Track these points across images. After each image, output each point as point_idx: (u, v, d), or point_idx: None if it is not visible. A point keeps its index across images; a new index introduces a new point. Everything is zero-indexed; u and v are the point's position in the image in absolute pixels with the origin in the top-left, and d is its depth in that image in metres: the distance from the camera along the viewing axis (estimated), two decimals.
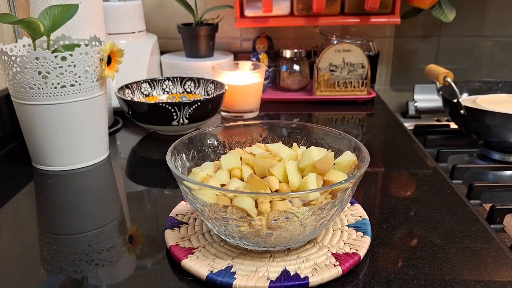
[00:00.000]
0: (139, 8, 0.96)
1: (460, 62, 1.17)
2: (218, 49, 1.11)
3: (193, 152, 0.52)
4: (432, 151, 0.84)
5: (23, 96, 0.62)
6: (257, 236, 0.41)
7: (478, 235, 0.49)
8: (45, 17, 0.62)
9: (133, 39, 0.95)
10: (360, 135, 0.83)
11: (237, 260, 0.43)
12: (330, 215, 0.42)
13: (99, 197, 0.61)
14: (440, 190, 0.60)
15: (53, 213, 0.56)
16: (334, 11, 0.97)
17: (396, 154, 0.73)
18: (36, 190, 0.63)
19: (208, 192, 0.40)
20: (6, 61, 0.61)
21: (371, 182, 0.63)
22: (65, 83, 0.62)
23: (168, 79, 0.89)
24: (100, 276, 0.43)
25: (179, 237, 0.47)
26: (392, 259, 0.45)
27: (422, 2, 1.00)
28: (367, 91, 0.98)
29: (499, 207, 0.59)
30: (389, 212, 0.54)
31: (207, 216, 0.42)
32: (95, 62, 0.65)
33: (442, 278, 0.42)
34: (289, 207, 0.39)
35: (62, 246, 0.49)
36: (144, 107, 0.75)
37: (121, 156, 0.74)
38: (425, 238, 0.49)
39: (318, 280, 0.40)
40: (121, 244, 0.49)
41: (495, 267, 0.44)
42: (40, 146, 0.65)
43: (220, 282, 0.40)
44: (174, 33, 1.13)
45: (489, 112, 0.78)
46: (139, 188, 0.63)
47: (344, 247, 0.45)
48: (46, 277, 0.43)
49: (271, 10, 0.92)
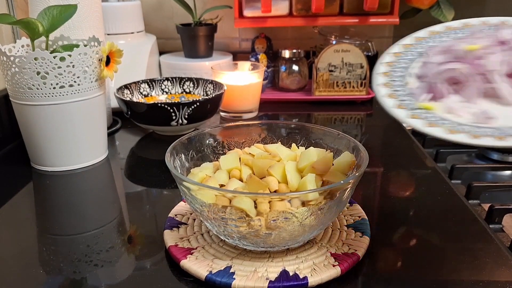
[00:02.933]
0: (138, 8, 0.96)
1: None
2: (217, 50, 1.11)
3: (192, 153, 0.52)
4: (431, 151, 0.84)
5: (21, 96, 0.62)
6: (256, 237, 0.41)
7: (477, 235, 0.49)
8: (44, 17, 0.61)
9: (132, 39, 0.95)
10: (359, 135, 0.83)
11: (236, 260, 0.43)
12: (329, 215, 0.42)
13: (98, 198, 0.61)
14: (439, 190, 0.60)
15: (52, 213, 0.56)
16: (333, 11, 0.97)
17: (395, 154, 0.73)
18: (35, 191, 0.63)
19: (207, 193, 0.40)
20: (4, 61, 0.61)
21: (370, 183, 0.63)
22: (64, 83, 0.62)
23: (167, 80, 0.89)
24: (99, 276, 0.43)
25: (178, 238, 0.47)
26: (391, 259, 0.45)
27: (421, 2, 1.00)
28: (366, 91, 0.98)
29: (498, 207, 0.59)
30: (388, 212, 0.54)
31: (206, 216, 0.42)
32: (94, 62, 0.65)
33: (441, 278, 0.42)
34: (288, 207, 0.39)
35: (61, 246, 0.49)
36: (143, 108, 0.75)
37: (120, 156, 0.74)
38: (424, 238, 0.49)
39: (317, 280, 0.40)
40: (120, 244, 0.49)
41: (493, 267, 0.44)
42: (39, 147, 0.65)
43: (219, 283, 0.40)
44: (173, 34, 1.12)
45: None
46: (138, 188, 0.63)
47: (343, 247, 0.45)
48: (45, 277, 0.43)
49: (270, 10, 0.92)
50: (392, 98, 0.39)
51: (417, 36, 0.44)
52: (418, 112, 0.38)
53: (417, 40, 0.44)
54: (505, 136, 0.34)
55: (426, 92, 0.39)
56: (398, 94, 0.40)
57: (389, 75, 0.41)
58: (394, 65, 0.42)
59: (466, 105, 0.37)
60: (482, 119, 0.36)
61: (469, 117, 0.36)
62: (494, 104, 0.37)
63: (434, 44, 0.42)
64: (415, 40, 0.44)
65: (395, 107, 0.39)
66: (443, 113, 0.37)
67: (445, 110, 0.38)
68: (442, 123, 0.36)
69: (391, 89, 0.40)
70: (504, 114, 0.36)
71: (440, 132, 0.35)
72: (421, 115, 0.37)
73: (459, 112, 0.37)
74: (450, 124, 0.36)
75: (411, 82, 0.41)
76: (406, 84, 0.41)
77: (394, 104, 0.39)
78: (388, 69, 0.42)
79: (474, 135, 0.34)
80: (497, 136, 0.34)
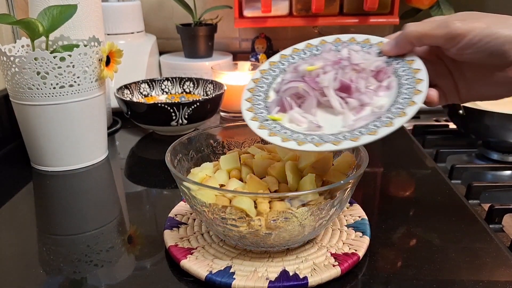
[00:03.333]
0: (138, 8, 0.96)
1: None
2: (217, 50, 1.11)
3: (192, 153, 0.52)
4: (431, 151, 0.84)
5: (22, 96, 0.62)
6: (256, 237, 0.41)
7: (477, 235, 0.49)
8: (44, 17, 0.61)
9: (132, 39, 0.95)
10: None
11: (236, 260, 0.43)
12: (329, 215, 0.42)
13: (98, 198, 0.61)
14: (439, 190, 0.60)
15: (52, 213, 0.56)
16: (333, 11, 0.97)
17: (395, 154, 0.73)
18: (35, 191, 0.63)
19: (207, 193, 0.40)
20: (4, 61, 0.61)
21: (370, 183, 0.63)
22: (64, 83, 0.62)
23: (167, 80, 0.89)
24: (99, 276, 0.43)
25: (178, 238, 0.47)
26: (391, 259, 0.45)
27: (421, 2, 1.00)
28: None
29: (498, 207, 0.59)
30: (388, 212, 0.54)
31: (206, 216, 0.42)
32: (94, 62, 0.65)
33: (441, 278, 0.42)
34: (288, 207, 0.39)
35: (61, 246, 0.49)
36: (143, 108, 0.75)
37: (120, 156, 0.74)
38: (424, 238, 0.49)
39: (317, 280, 0.40)
40: (120, 244, 0.49)
41: (494, 267, 0.44)
42: (39, 147, 0.65)
43: (219, 283, 0.40)
44: (173, 34, 1.12)
45: (488, 112, 0.78)
46: (138, 188, 0.63)
47: (343, 247, 0.45)
48: (45, 277, 0.43)
49: (270, 10, 0.92)
50: (250, 111, 0.45)
51: (283, 54, 0.50)
52: (266, 123, 0.43)
53: (282, 57, 0.50)
54: (322, 143, 0.39)
55: (276, 105, 0.45)
56: (256, 107, 0.45)
57: (254, 90, 0.47)
58: (261, 81, 0.48)
59: (305, 116, 0.43)
60: (313, 127, 0.42)
61: (305, 126, 0.43)
62: (328, 114, 0.43)
63: (293, 61, 0.49)
64: (280, 58, 0.50)
65: (250, 119, 0.44)
66: (287, 123, 0.43)
67: (289, 120, 0.44)
68: (283, 132, 0.42)
69: (251, 103, 0.46)
70: (330, 123, 0.42)
71: (277, 140, 0.41)
72: (267, 126, 0.43)
73: (299, 122, 0.43)
74: (287, 133, 0.42)
75: (271, 96, 0.47)
76: (267, 98, 0.46)
77: (251, 116, 0.44)
78: (254, 86, 0.48)
79: (299, 142, 0.40)
80: (316, 142, 0.40)
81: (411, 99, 0.40)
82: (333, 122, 0.42)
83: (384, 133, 0.39)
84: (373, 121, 0.40)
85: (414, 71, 0.43)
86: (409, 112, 0.39)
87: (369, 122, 0.40)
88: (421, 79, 0.41)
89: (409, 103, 0.40)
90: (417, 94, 0.40)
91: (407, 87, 0.42)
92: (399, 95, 0.42)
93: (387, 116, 0.40)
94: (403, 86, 0.42)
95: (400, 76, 0.43)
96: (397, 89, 0.42)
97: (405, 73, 0.43)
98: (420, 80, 0.41)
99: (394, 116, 0.40)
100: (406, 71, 0.43)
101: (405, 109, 0.40)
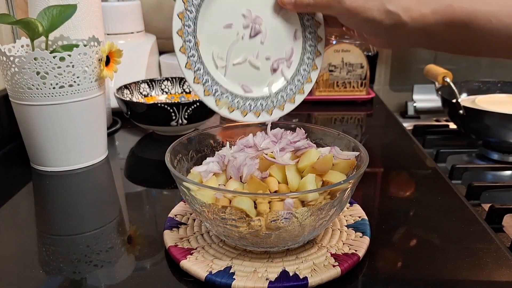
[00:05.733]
0: (138, 8, 0.96)
1: (459, 62, 1.17)
2: None
3: (192, 153, 0.52)
4: (431, 151, 0.84)
5: (21, 96, 0.62)
6: (256, 237, 0.41)
7: (477, 235, 0.49)
8: (44, 17, 0.61)
9: (132, 39, 0.95)
10: (359, 136, 0.83)
11: (236, 260, 0.43)
12: (329, 216, 0.42)
13: (98, 198, 0.61)
14: (439, 190, 0.60)
15: (52, 213, 0.56)
16: None
17: (395, 154, 0.73)
18: (34, 191, 0.63)
19: (207, 193, 0.40)
20: (4, 61, 0.61)
21: (370, 183, 0.63)
22: (64, 83, 0.62)
23: (167, 80, 0.89)
24: (99, 277, 0.43)
25: (178, 238, 0.47)
26: (391, 260, 0.45)
27: None
28: (366, 91, 0.98)
29: (498, 207, 0.59)
30: (388, 213, 0.54)
31: (206, 216, 0.42)
32: (94, 62, 0.65)
33: (441, 279, 0.42)
34: (288, 208, 0.39)
35: (61, 247, 0.49)
36: (143, 108, 0.75)
37: (119, 156, 0.74)
38: (424, 238, 0.49)
39: (317, 280, 0.40)
40: (120, 245, 0.49)
41: (494, 267, 0.44)
42: (39, 147, 0.65)
43: (219, 283, 0.40)
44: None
45: (488, 112, 0.79)
46: (138, 188, 0.63)
47: (343, 248, 0.45)
48: (44, 278, 0.43)
49: None
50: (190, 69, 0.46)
51: None
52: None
53: None
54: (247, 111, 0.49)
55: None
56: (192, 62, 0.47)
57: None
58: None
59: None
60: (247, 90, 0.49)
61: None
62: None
63: None
64: None
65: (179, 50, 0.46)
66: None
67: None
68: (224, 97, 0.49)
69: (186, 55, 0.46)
70: (258, 90, 0.51)
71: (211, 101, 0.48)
72: (204, 85, 0.47)
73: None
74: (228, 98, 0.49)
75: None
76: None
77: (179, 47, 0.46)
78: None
79: (230, 108, 0.48)
80: (242, 110, 0.49)
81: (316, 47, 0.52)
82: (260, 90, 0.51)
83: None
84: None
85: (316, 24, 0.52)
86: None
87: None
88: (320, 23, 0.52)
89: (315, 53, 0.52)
90: (320, 42, 0.52)
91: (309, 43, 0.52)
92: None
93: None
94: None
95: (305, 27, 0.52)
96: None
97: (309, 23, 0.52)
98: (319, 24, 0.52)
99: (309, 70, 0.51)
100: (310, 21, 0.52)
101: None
